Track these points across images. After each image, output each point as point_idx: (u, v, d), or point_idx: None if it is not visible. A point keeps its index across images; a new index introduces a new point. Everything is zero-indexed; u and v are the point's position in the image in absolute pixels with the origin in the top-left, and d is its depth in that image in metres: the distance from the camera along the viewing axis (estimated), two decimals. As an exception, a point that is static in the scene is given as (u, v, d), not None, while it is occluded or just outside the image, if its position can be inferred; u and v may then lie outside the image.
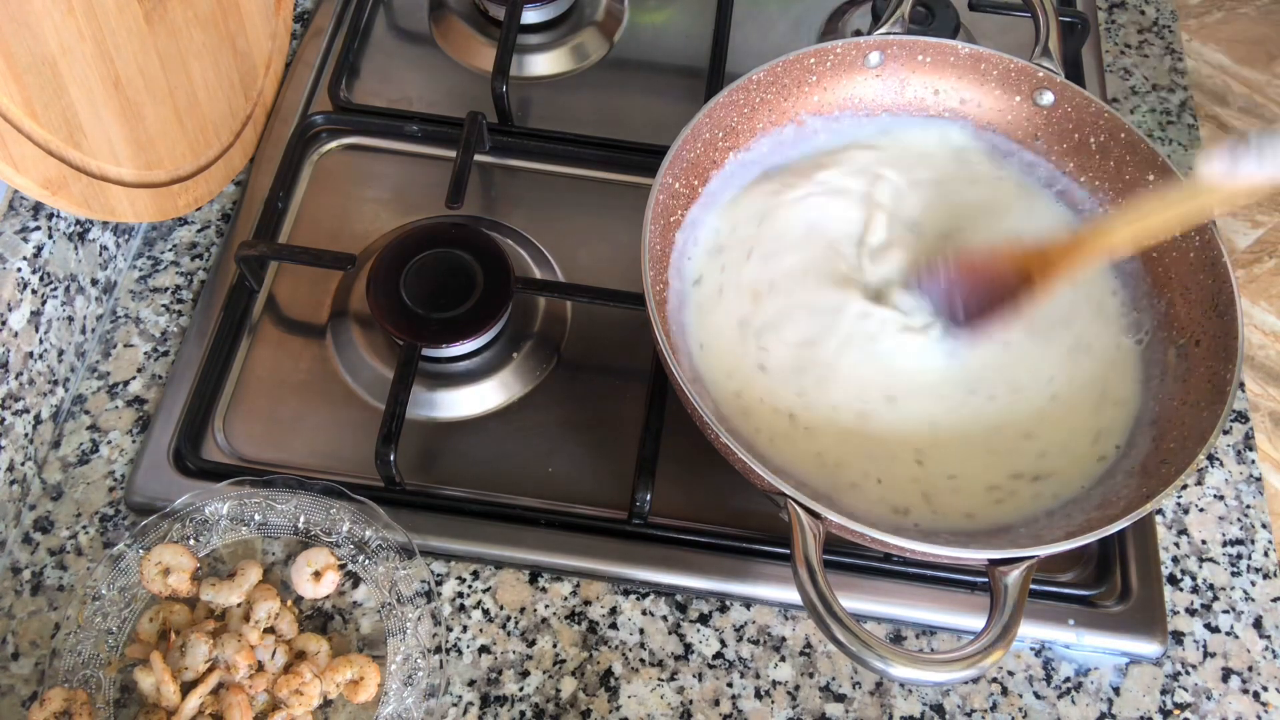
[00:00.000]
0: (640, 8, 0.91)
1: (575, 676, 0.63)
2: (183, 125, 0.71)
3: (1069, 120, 0.71)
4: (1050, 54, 0.71)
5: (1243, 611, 0.67)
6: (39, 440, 0.68)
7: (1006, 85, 0.72)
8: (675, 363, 0.57)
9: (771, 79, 0.69)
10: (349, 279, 0.74)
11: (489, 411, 0.71)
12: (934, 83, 0.73)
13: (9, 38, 0.55)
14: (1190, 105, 0.89)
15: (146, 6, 0.65)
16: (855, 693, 0.63)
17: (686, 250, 0.68)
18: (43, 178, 0.59)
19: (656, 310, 0.59)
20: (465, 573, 0.66)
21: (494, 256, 0.71)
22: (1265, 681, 0.65)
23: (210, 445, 0.69)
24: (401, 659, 0.61)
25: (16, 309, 0.64)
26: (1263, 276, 1.20)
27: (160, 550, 0.62)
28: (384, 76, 0.87)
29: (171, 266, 0.76)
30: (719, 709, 0.62)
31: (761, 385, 0.63)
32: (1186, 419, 0.61)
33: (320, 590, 0.63)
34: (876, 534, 0.53)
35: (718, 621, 0.65)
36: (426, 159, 0.82)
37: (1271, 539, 0.69)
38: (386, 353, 0.71)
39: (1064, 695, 0.64)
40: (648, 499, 0.64)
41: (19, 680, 0.61)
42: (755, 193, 0.70)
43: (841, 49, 0.70)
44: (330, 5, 0.89)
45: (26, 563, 0.65)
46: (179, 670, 0.58)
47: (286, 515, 0.65)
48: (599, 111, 0.85)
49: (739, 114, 0.69)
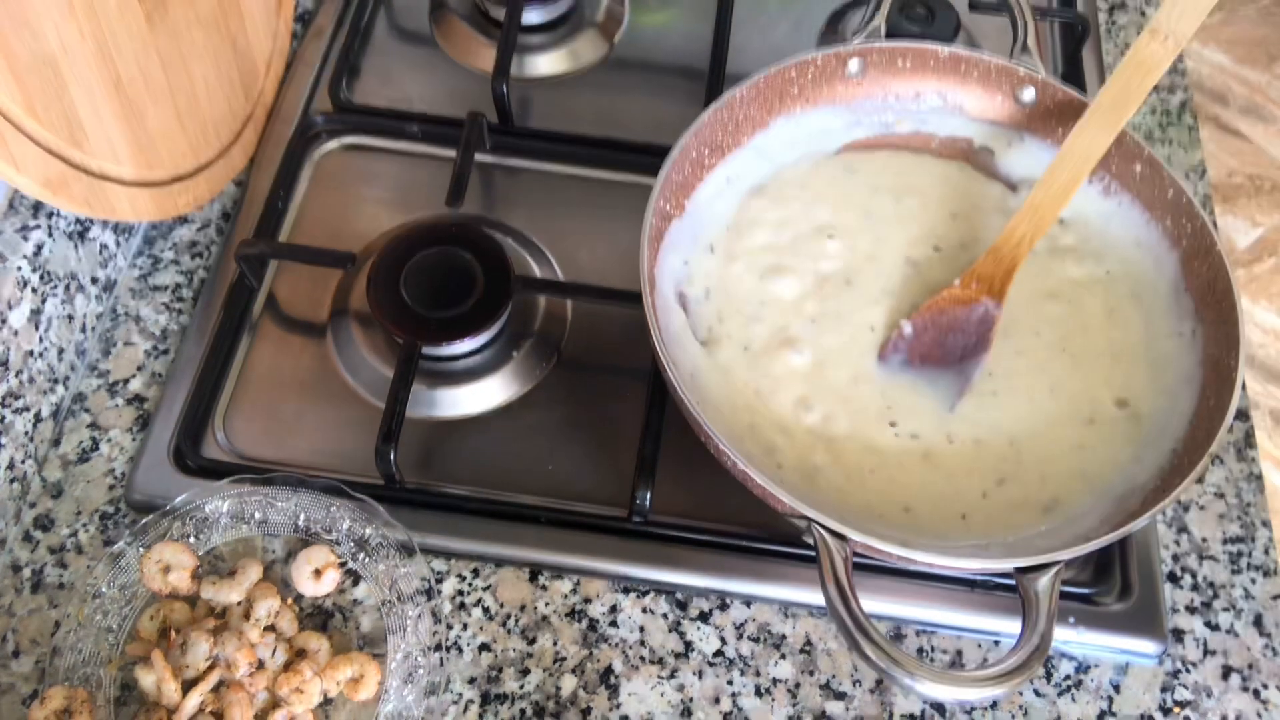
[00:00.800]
0: (641, 8, 0.92)
1: (575, 674, 0.63)
2: (183, 125, 0.71)
3: (1052, 117, 0.71)
4: (1030, 51, 0.71)
5: (1243, 609, 0.67)
6: (39, 438, 0.68)
7: (988, 85, 0.72)
8: (679, 380, 0.58)
9: (754, 94, 0.70)
10: (349, 278, 0.74)
11: (489, 410, 0.71)
12: (916, 87, 0.73)
13: (9, 37, 0.55)
14: (1190, 105, 0.90)
15: (148, 6, 0.65)
16: (855, 690, 0.63)
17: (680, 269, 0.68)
18: (43, 177, 0.59)
19: (662, 343, 0.59)
20: (465, 570, 0.66)
21: (494, 255, 0.71)
22: (1265, 679, 0.65)
23: (210, 443, 0.69)
24: (402, 657, 0.61)
25: (17, 307, 0.64)
26: (1263, 276, 1.20)
27: (161, 548, 0.62)
28: (384, 76, 0.87)
29: (172, 265, 0.76)
30: (719, 707, 0.62)
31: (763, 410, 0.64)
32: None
33: (321, 588, 0.63)
34: (902, 550, 0.53)
35: (718, 619, 0.65)
36: (427, 159, 0.82)
37: (1272, 536, 0.69)
38: (386, 351, 0.71)
39: (1064, 693, 0.64)
40: (648, 497, 0.64)
41: (19, 678, 0.62)
42: (745, 206, 0.71)
43: (821, 60, 0.71)
44: (331, 5, 0.89)
45: (27, 560, 0.65)
46: (179, 668, 0.58)
47: (287, 513, 0.65)
48: (599, 112, 0.85)
49: (724, 131, 0.69)
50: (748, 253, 0.69)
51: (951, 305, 0.66)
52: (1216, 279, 0.63)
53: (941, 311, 0.66)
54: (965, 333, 0.66)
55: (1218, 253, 0.63)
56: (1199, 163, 0.86)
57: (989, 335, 0.65)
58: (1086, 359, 0.67)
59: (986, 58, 0.71)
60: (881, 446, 0.63)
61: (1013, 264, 0.65)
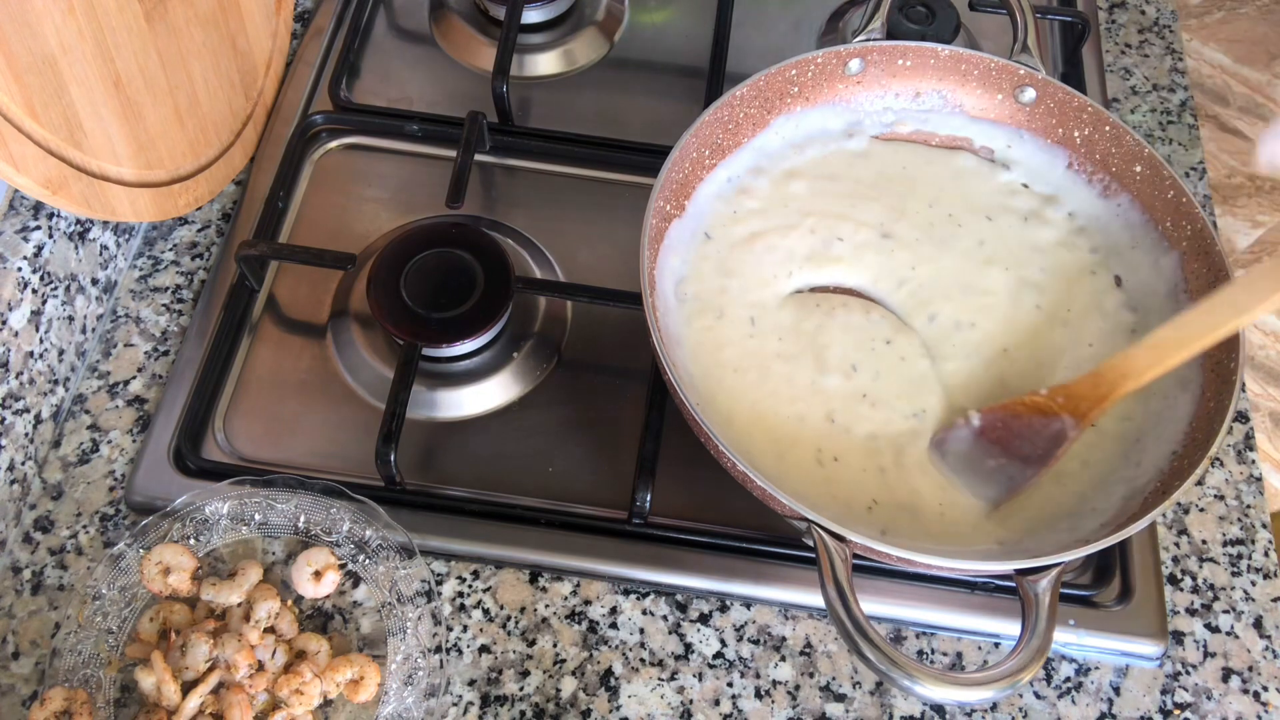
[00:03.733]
0: (640, 7, 0.91)
1: (575, 676, 0.63)
2: (183, 125, 0.71)
3: (1052, 116, 0.71)
4: (1029, 50, 0.71)
5: (1243, 611, 0.67)
6: (39, 440, 0.68)
7: (988, 84, 0.72)
8: (680, 383, 0.58)
9: (754, 94, 0.69)
10: (349, 279, 0.74)
11: (489, 411, 0.71)
12: (916, 86, 0.73)
13: (9, 37, 0.55)
14: (1190, 105, 0.89)
15: (147, 6, 0.65)
16: (855, 692, 0.63)
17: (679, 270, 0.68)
18: (43, 177, 0.59)
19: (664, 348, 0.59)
20: (465, 572, 0.66)
21: (494, 256, 0.71)
22: (1265, 681, 0.65)
23: (210, 445, 0.69)
24: (402, 658, 0.61)
25: (17, 308, 0.64)
26: (1263, 276, 1.20)
27: (161, 550, 0.62)
28: (384, 76, 0.87)
29: (172, 266, 0.76)
30: (719, 709, 0.62)
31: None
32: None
33: (320, 590, 0.63)
34: (901, 552, 0.53)
35: (718, 621, 0.65)
36: (427, 159, 0.82)
37: (1271, 539, 0.69)
38: (387, 352, 0.71)
39: (1064, 695, 0.64)
40: (648, 499, 0.64)
41: (19, 680, 0.61)
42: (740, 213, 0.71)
43: (822, 58, 0.71)
44: (330, 5, 0.89)
45: (27, 562, 0.65)
46: (179, 670, 0.58)
47: (287, 515, 0.65)
48: (599, 111, 0.85)
49: (724, 130, 0.69)
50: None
51: (1030, 413, 0.61)
52: (1216, 280, 0.63)
53: (1016, 416, 0.62)
54: (1033, 443, 0.61)
55: (1218, 253, 0.63)
56: (1199, 163, 0.86)
57: (1056, 453, 0.60)
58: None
59: (986, 57, 0.71)
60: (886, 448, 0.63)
61: (1110, 392, 0.59)
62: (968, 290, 0.68)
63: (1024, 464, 0.61)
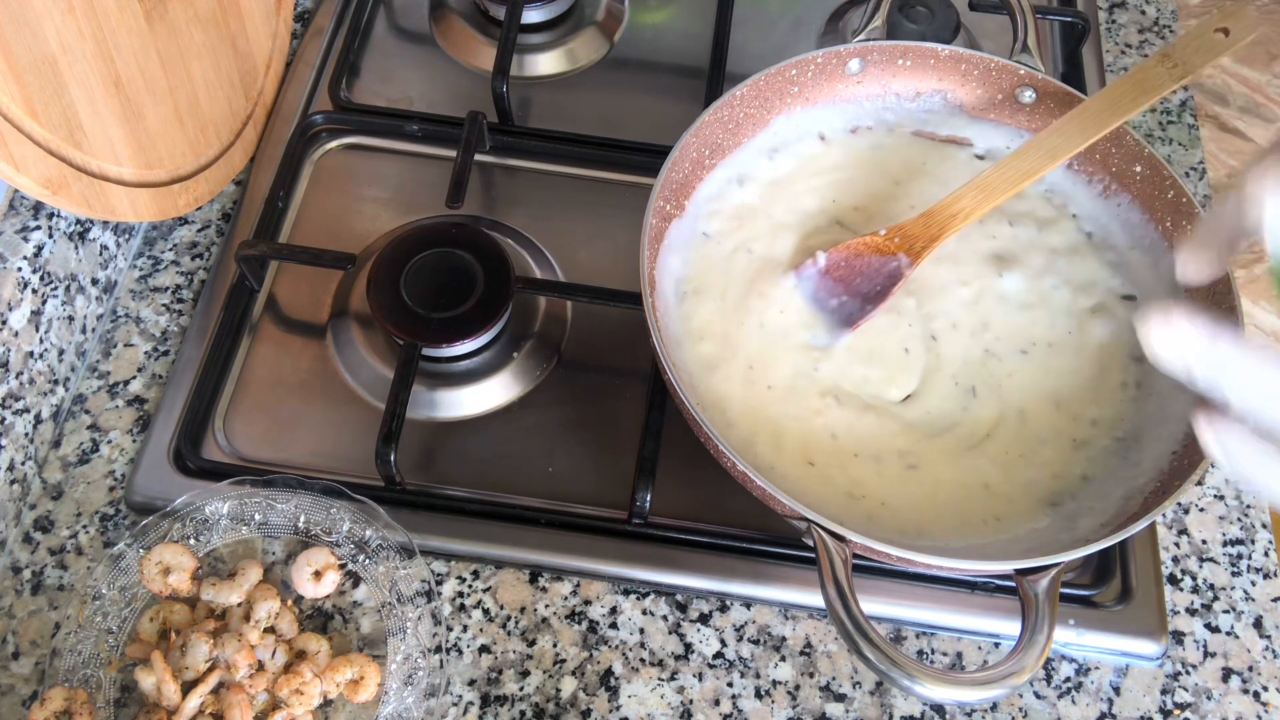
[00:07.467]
0: (640, 7, 0.91)
1: (575, 676, 0.63)
2: (183, 125, 0.71)
3: (1052, 116, 0.71)
4: (1030, 50, 0.71)
5: (1243, 611, 0.67)
6: (39, 440, 0.68)
7: (988, 84, 0.72)
8: (680, 384, 0.57)
9: (754, 94, 0.69)
10: (349, 279, 0.74)
11: (489, 411, 0.71)
12: (916, 86, 0.73)
13: (9, 37, 0.55)
14: (1190, 105, 0.89)
15: (147, 6, 0.65)
16: (855, 692, 0.63)
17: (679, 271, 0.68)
18: (43, 177, 0.59)
19: (664, 349, 0.59)
20: (465, 572, 0.66)
21: (494, 256, 0.71)
22: (1265, 681, 0.65)
23: (210, 445, 0.69)
24: (402, 658, 0.61)
25: (17, 308, 0.64)
26: (1263, 277, 1.20)
27: (160, 550, 0.62)
28: (384, 76, 0.87)
29: (172, 266, 0.76)
30: (719, 709, 0.62)
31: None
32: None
33: (320, 590, 0.63)
34: (901, 552, 0.53)
35: (718, 621, 0.65)
36: (427, 159, 0.82)
37: (1272, 539, 0.69)
38: (387, 352, 0.71)
39: (1064, 695, 0.64)
40: (648, 499, 0.64)
41: (19, 680, 0.62)
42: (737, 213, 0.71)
43: (822, 58, 0.71)
44: (331, 5, 0.89)
45: (27, 562, 0.65)
46: (179, 670, 0.58)
47: (287, 515, 0.65)
48: (599, 111, 0.85)
49: (724, 130, 0.69)
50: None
51: (870, 253, 0.66)
52: (1216, 280, 0.63)
53: (859, 255, 0.66)
54: (872, 280, 0.65)
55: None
56: (1199, 163, 0.86)
57: (890, 290, 0.65)
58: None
59: (986, 57, 0.71)
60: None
61: (940, 232, 0.64)
62: (971, 288, 0.68)
63: (863, 301, 0.65)
